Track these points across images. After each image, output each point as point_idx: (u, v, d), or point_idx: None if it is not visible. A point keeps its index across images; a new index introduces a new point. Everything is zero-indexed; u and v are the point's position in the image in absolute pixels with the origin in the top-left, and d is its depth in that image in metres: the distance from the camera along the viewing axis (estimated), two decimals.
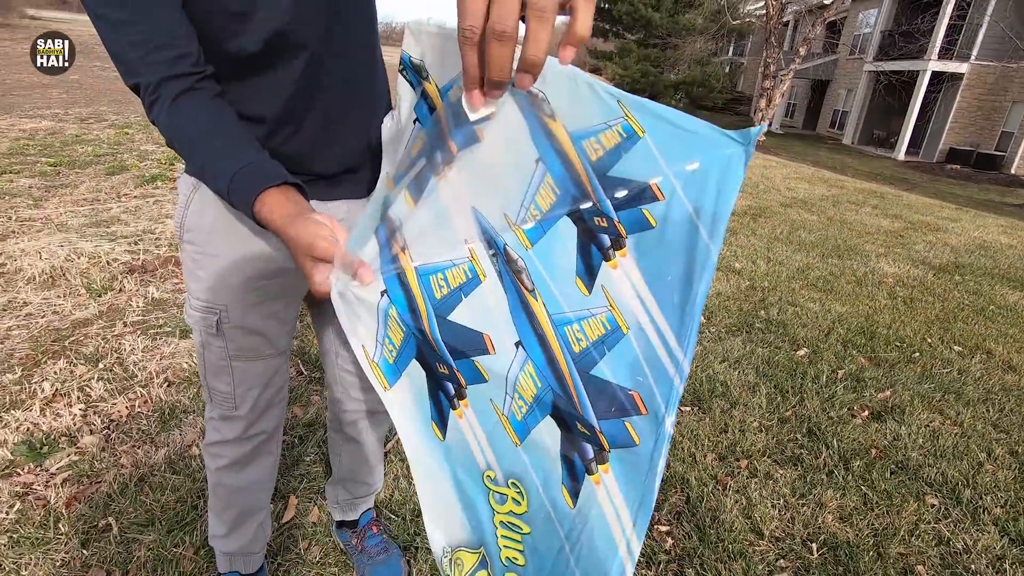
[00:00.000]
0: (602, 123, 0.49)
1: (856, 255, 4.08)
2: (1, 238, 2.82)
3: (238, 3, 0.66)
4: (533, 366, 0.53)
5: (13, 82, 8.92)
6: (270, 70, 0.73)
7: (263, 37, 0.69)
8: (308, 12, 0.70)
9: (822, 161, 13.78)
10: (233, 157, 0.65)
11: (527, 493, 0.55)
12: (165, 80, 0.65)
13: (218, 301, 0.84)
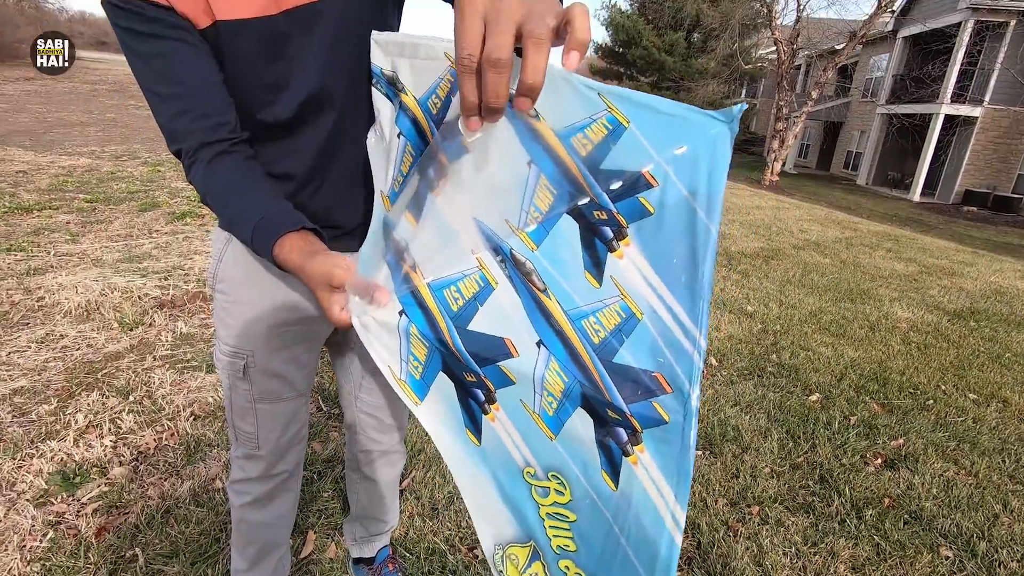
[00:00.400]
0: (587, 118, 0.50)
1: (869, 299, 4.09)
2: (41, 272, 2.96)
3: (273, 76, 0.75)
4: (557, 362, 0.54)
5: (54, 120, 9.37)
6: (299, 132, 0.79)
7: (294, 104, 0.76)
8: (334, 76, 0.77)
9: (836, 202, 13.82)
10: (258, 208, 0.72)
11: (569, 483, 0.56)
12: (204, 145, 0.72)
13: (245, 347, 0.90)
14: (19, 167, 5.43)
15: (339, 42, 0.76)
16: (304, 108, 0.77)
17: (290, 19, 0.73)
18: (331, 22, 0.75)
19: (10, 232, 3.56)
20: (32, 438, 1.76)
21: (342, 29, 0.76)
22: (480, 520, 0.62)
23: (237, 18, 0.70)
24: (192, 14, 0.69)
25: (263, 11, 0.71)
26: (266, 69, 0.74)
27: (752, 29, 18.60)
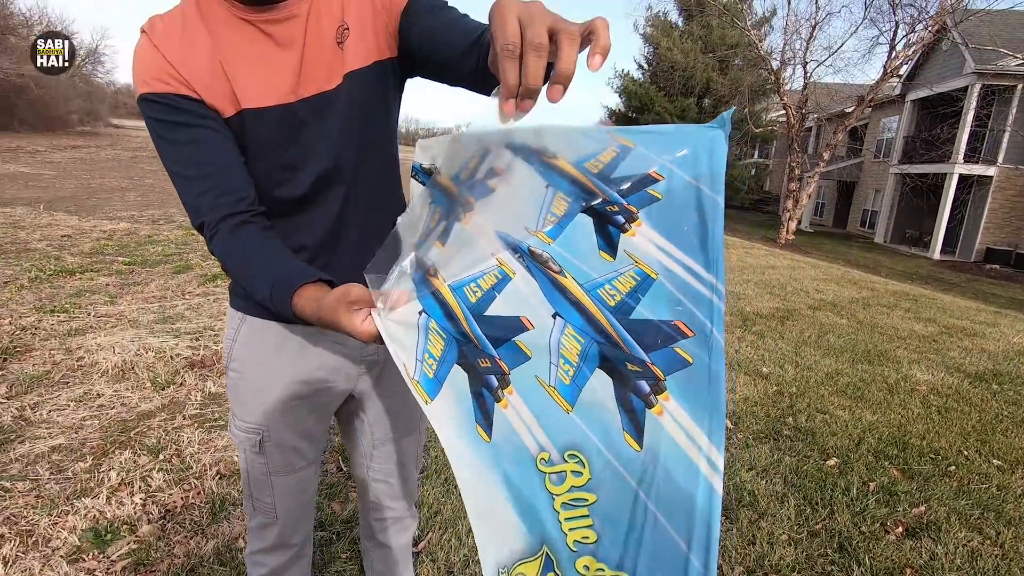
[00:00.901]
0: (598, 148, 0.56)
1: (888, 361, 4.07)
2: (82, 332, 3.12)
3: (290, 157, 0.84)
4: (573, 327, 0.54)
5: (97, 186, 9.95)
6: (312, 207, 0.87)
7: (308, 182, 0.85)
8: (344, 154, 0.86)
9: (854, 260, 13.79)
10: (275, 268, 0.76)
11: (587, 459, 0.53)
12: (226, 217, 0.79)
13: (260, 423, 0.94)
14: (64, 231, 5.77)
15: (349, 123, 0.86)
16: (317, 184, 0.86)
17: (307, 106, 0.83)
18: (342, 106, 0.85)
19: (54, 294, 3.78)
20: (68, 495, 1.84)
21: (352, 112, 0.85)
22: (483, 533, 0.57)
23: (260, 106, 0.81)
24: (220, 105, 0.79)
25: (283, 99, 0.81)
26: (284, 151, 0.84)
27: (761, 94, 19.23)
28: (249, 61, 0.80)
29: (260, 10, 0.79)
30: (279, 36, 0.80)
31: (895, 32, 14.72)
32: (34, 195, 8.18)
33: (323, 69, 0.82)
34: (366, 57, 0.84)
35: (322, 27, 0.82)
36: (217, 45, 0.79)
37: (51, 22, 31.35)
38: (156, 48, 0.77)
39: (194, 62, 0.78)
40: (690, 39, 18.57)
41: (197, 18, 0.80)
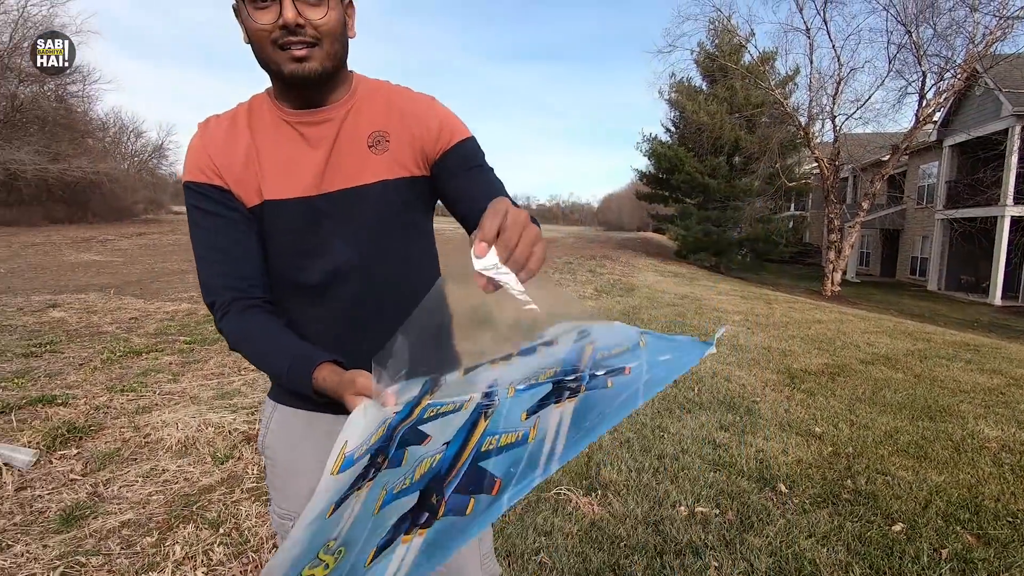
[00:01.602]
0: (620, 343, 0.65)
1: (951, 417, 3.87)
2: (148, 411, 3.32)
3: (308, 247, 0.90)
4: (441, 455, 0.57)
5: (160, 269, 10.67)
6: (326, 297, 0.92)
7: (323, 272, 0.91)
8: (362, 252, 0.91)
9: (907, 310, 13.26)
10: (291, 346, 0.84)
11: (341, 556, 0.52)
12: (236, 300, 0.88)
13: (293, 509, 0.97)
14: (132, 314, 6.19)
15: (369, 224, 0.91)
16: (330, 276, 0.91)
17: (327, 201, 0.90)
18: (365, 207, 0.91)
19: (124, 374, 4.04)
20: (137, 570, 1.93)
21: (374, 214, 0.91)
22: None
23: (281, 198, 0.89)
24: (247, 196, 0.89)
25: (304, 193, 0.89)
26: (301, 241, 0.91)
27: (791, 149, 19.34)
28: (280, 157, 0.90)
29: (300, 113, 0.90)
30: (310, 135, 0.90)
31: (923, 81, 14.80)
32: (105, 281, 8.83)
33: (349, 169, 0.90)
34: (397, 170, 0.92)
35: (356, 131, 0.91)
36: (255, 142, 0.90)
37: (124, 124, 34.76)
38: (203, 143, 0.90)
39: (231, 156, 0.89)
40: (715, 101, 19.06)
41: (246, 118, 0.92)
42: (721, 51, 18.91)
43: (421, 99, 0.96)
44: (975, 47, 13.94)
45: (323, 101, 0.90)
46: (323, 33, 0.82)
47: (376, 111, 0.93)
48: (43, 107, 22.89)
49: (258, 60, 0.85)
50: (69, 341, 4.92)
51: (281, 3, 0.78)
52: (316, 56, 0.82)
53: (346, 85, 0.93)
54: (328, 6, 0.82)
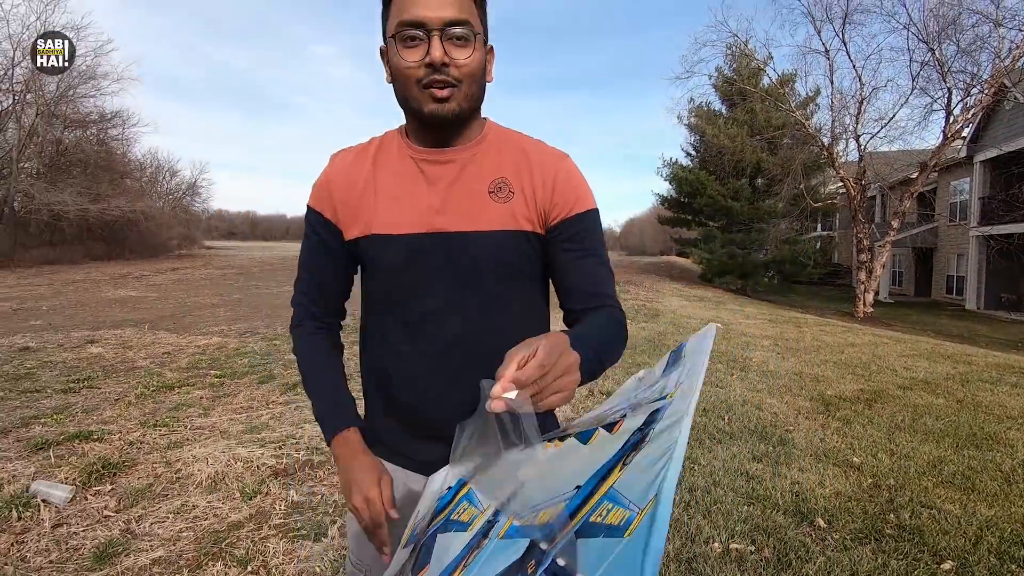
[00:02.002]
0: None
1: (998, 445, 3.69)
2: (179, 446, 3.37)
3: (408, 285, 0.91)
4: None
5: (192, 304, 10.96)
6: (420, 338, 0.91)
7: (421, 311, 0.91)
8: (464, 301, 0.90)
9: (944, 330, 12.81)
10: (320, 395, 0.96)
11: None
12: (309, 318, 1.01)
13: (366, 560, 0.98)
14: (165, 349, 6.36)
15: (477, 271, 0.89)
16: (429, 318, 0.90)
17: (436, 240, 0.89)
18: (475, 252, 0.89)
19: (156, 408, 4.13)
20: None
21: (483, 261, 0.89)
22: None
23: (390, 232, 0.90)
24: (351, 227, 0.92)
25: (412, 229, 0.89)
26: (404, 276, 0.91)
27: (815, 169, 19.12)
28: (396, 192, 0.91)
29: (426, 150, 0.90)
30: (431, 173, 0.90)
31: (949, 98, 14.56)
32: (140, 316, 9.10)
33: (465, 212, 0.89)
34: (515, 222, 0.90)
35: (479, 175, 0.90)
36: (375, 175, 0.92)
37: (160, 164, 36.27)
38: (326, 174, 0.95)
39: (348, 188, 0.93)
40: (735, 124, 19.04)
41: (374, 151, 0.95)
42: (739, 75, 18.96)
43: (554, 155, 0.94)
44: (1001, 62, 13.71)
45: (452, 141, 0.91)
46: (465, 74, 0.83)
47: (503, 159, 0.92)
48: (85, 151, 24.07)
49: (398, 98, 0.88)
50: (105, 376, 5.06)
51: (430, 42, 0.81)
52: (456, 97, 0.84)
53: (477, 128, 0.94)
54: (473, 48, 0.84)
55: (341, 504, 2.71)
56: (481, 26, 0.86)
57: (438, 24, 0.80)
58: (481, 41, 0.86)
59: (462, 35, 0.82)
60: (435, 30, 0.80)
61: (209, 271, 19.90)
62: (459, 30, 0.81)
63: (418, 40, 0.81)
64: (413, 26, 0.81)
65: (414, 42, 0.82)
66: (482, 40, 0.86)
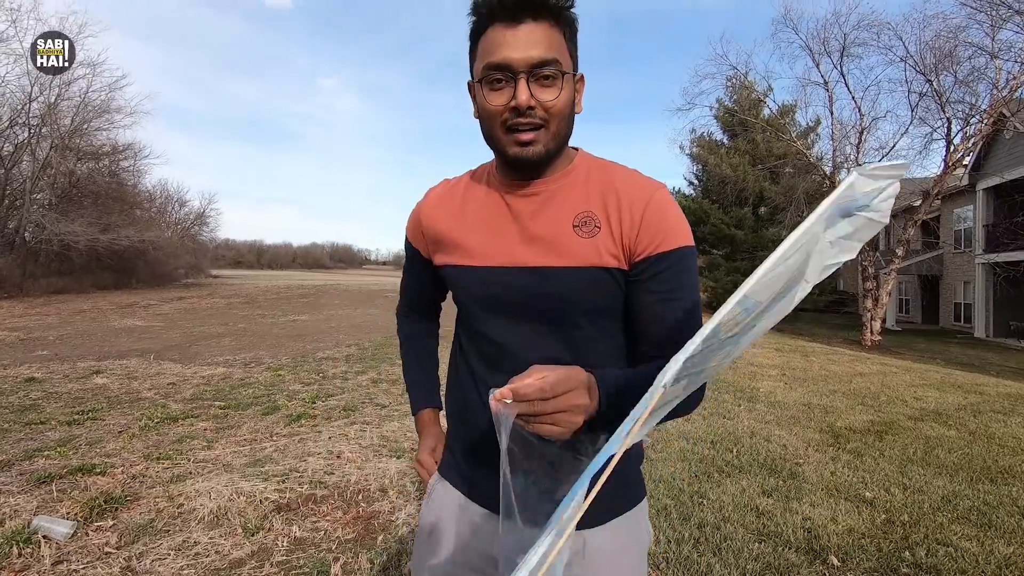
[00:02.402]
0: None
1: (1014, 479, 3.61)
2: (182, 479, 3.35)
3: (489, 312, 0.91)
4: None
5: (198, 333, 10.99)
6: (496, 369, 0.91)
7: (497, 342, 0.91)
8: (536, 331, 0.89)
9: (954, 359, 12.66)
10: (413, 373, 1.18)
11: None
12: (407, 314, 1.21)
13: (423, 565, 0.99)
14: (170, 379, 6.35)
15: (556, 307, 0.87)
16: (504, 350, 0.90)
17: (515, 275, 0.88)
18: (555, 288, 0.86)
19: (160, 441, 4.11)
20: None
21: (562, 297, 0.86)
22: None
23: (470, 264, 0.92)
24: (438, 255, 0.98)
25: (491, 262, 0.90)
26: (482, 307, 0.92)
27: (817, 197, 19.19)
28: (480, 224, 0.92)
29: (512, 183, 0.91)
30: (516, 207, 0.90)
31: (948, 127, 14.71)
32: (145, 346, 9.13)
33: (546, 247, 0.87)
34: (600, 258, 0.85)
35: (563, 208, 0.88)
36: (464, 208, 0.95)
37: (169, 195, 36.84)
38: (419, 207, 1.01)
39: (436, 218, 0.98)
40: (737, 154, 19.25)
41: (465, 184, 0.98)
42: (740, 106, 19.24)
43: (645, 185, 0.87)
44: (999, 92, 13.88)
45: (539, 175, 0.90)
46: (552, 115, 0.82)
47: (591, 191, 0.88)
48: (97, 182, 24.51)
49: (484, 137, 0.88)
50: (110, 408, 5.05)
51: (516, 86, 0.79)
52: (541, 139, 0.82)
53: (565, 160, 0.91)
54: (560, 87, 0.81)
55: (344, 540, 2.67)
56: (570, 60, 0.84)
57: (524, 67, 0.79)
58: (569, 78, 0.84)
59: (549, 75, 0.80)
60: (521, 73, 0.79)
61: (215, 300, 20.01)
62: (546, 70, 0.80)
63: (504, 83, 0.81)
64: (499, 69, 0.80)
65: (500, 84, 0.81)
66: (570, 76, 0.84)
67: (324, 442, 4.09)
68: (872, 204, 0.55)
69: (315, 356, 8.14)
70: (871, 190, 0.55)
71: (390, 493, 3.20)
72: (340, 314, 16.09)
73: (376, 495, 3.18)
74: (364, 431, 4.39)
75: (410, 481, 3.36)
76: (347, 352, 8.56)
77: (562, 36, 0.82)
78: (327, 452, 3.85)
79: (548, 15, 0.80)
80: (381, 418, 4.78)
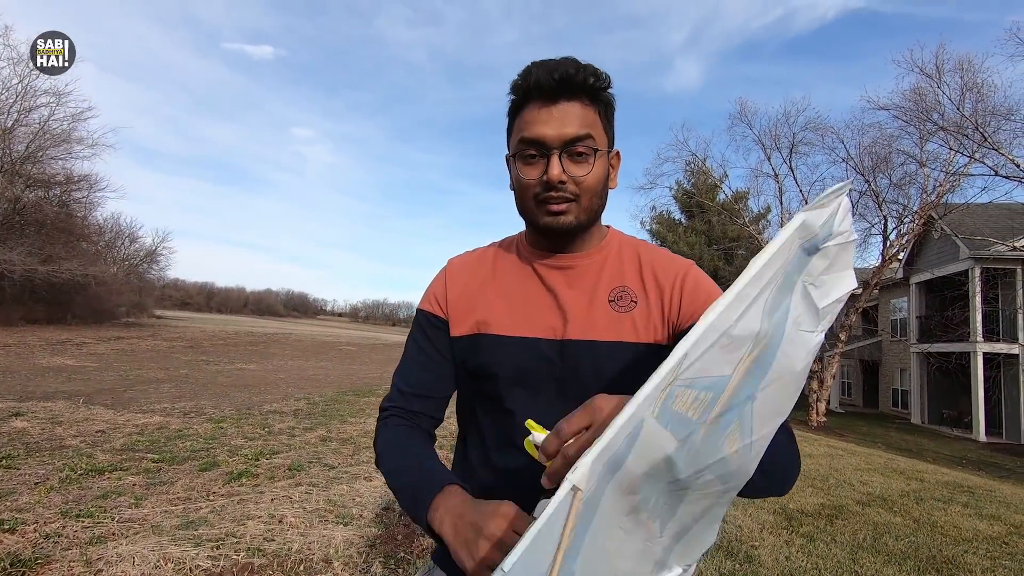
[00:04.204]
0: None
1: (958, 569, 3.68)
2: (103, 541, 3.04)
3: (520, 390, 0.85)
4: None
5: (135, 377, 10.34)
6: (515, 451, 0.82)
7: (518, 424, 0.81)
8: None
9: (894, 444, 13.12)
10: (411, 468, 0.81)
11: None
12: (398, 413, 0.92)
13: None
14: (99, 426, 5.90)
15: (593, 384, 0.81)
16: (511, 430, 0.84)
17: (552, 348, 0.84)
18: (594, 363, 0.82)
19: (82, 495, 3.75)
20: None
21: (600, 373, 0.82)
22: None
23: (500, 333, 0.86)
24: (463, 324, 0.90)
25: (522, 332, 0.86)
26: (512, 383, 0.85)
27: None
28: (514, 294, 0.89)
29: (545, 255, 0.90)
30: (549, 280, 0.88)
31: (885, 224, 15.94)
32: (75, 388, 8.51)
33: (584, 321, 0.85)
34: (638, 333, 0.84)
35: (599, 282, 0.87)
36: (495, 278, 0.92)
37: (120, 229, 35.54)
38: (444, 279, 0.95)
39: (464, 284, 0.92)
40: (694, 233, 20.20)
41: (493, 255, 0.96)
42: (698, 189, 20.40)
43: (679, 262, 0.90)
44: (928, 196, 15.24)
45: (572, 249, 0.89)
46: (583, 190, 0.82)
47: (626, 267, 0.89)
48: (44, 211, 23.47)
49: (518, 208, 0.88)
50: (28, 455, 4.62)
51: (549, 161, 0.81)
52: (572, 211, 0.83)
53: (598, 236, 0.92)
54: (592, 163, 0.82)
55: None
56: (605, 137, 0.85)
57: (558, 143, 0.80)
58: (603, 155, 0.85)
59: (582, 151, 0.81)
60: (554, 149, 0.80)
61: (157, 342, 19.01)
62: (579, 146, 0.81)
63: (538, 158, 0.82)
64: (533, 144, 0.81)
65: (534, 159, 0.82)
66: (604, 153, 0.85)
67: (266, 504, 3.82)
68: (834, 230, 0.55)
69: (261, 409, 7.74)
70: (826, 219, 0.55)
71: (335, 564, 2.99)
72: (291, 365, 15.50)
73: (319, 566, 2.96)
74: (310, 493, 4.14)
75: (356, 551, 3.16)
76: (296, 406, 8.19)
77: (597, 114, 0.84)
78: (268, 515, 3.60)
79: (584, 95, 0.82)
80: (329, 480, 4.53)
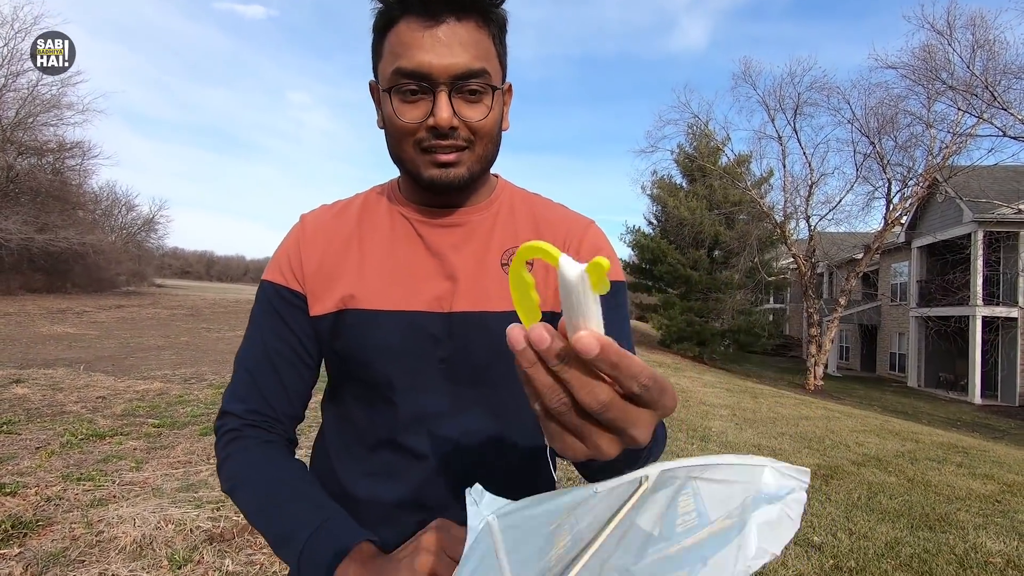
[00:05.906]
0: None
1: (950, 526, 3.74)
2: (104, 503, 3.07)
3: (401, 371, 0.71)
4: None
5: (135, 345, 10.38)
6: (406, 451, 0.72)
7: (412, 412, 0.72)
8: (466, 394, 0.72)
9: (890, 406, 13.26)
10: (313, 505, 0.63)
11: None
12: (251, 425, 0.72)
13: None
14: (100, 392, 5.93)
15: (489, 362, 0.72)
16: (421, 422, 0.72)
17: (440, 322, 0.71)
18: (487, 339, 0.71)
19: (83, 459, 3.78)
20: None
21: (496, 350, 0.70)
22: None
23: (376, 308, 0.71)
24: (324, 299, 0.72)
25: (406, 306, 0.71)
26: (391, 364, 0.71)
27: (769, 244, 20.08)
28: (387, 261, 0.73)
29: (425, 211, 0.75)
30: (432, 241, 0.74)
31: (888, 187, 15.75)
32: (76, 356, 8.54)
33: (474, 289, 0.72)
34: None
35: (490, 244, 0.74)
36: (360, 238, 0.75)
37: (116, 197, 35.27)
38: (298, 242, 0.75)
39: (323, 250, 0.74)
40: (695, 198, 19.97)
41: (357, 209, 0.77)
42: (699, 153, 20.07)
43: (578, 220, 0.79)
44: (934, 159, 15.00)
45: (457, 203, 0.75)
46: (478, 136, 0.68)
47: (520, 225, 0.76)
48: (38, 179, 23.22)
49: (390, 152, 0.72)
50: (28, 421, 4.65)
51: (436, 100, 0.65)
52: (465, 161, 0.69)
53: (487, 187, 0.78)
54: (490, 104, 0.68)
55: (282, 575, 2.49)
56: (500, 69, 0.70)
57: (446, 77, 0.64)
58: (499, 92, 0.70)
59: (476, 89, 0.66)
60: (442, 84, 0.65)
61: (157, 310, 19.04)
62: (473, 83, 0.66)
63: (419, 94, 0.66)
64: (414, 77, 0.65)
65: (415, 95, 0.66)
66: (500, 90, 0.70)
67: None
68: (785, 500, 0.54)
69: None
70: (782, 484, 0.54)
71: None
72: None
73: None
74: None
75: None
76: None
77: (491, 39, 0.68)
78: None
79: (475, 12, 0.66)
80: None
